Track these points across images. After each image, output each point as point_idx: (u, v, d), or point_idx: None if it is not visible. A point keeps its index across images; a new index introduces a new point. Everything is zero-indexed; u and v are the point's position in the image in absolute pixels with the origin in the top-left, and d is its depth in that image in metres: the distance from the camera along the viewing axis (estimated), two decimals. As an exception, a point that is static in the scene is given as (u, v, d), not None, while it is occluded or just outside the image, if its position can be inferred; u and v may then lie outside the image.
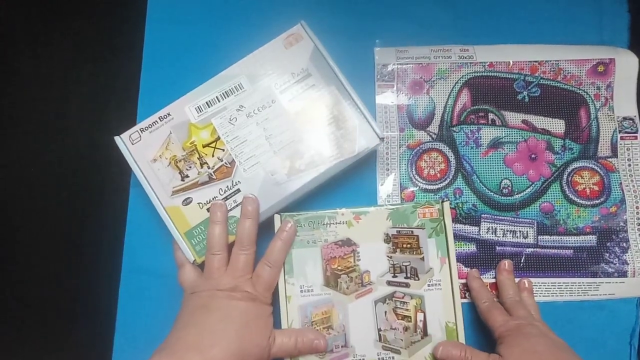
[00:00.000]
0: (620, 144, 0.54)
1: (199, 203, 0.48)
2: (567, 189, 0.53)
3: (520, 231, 0.52)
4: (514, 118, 0.55)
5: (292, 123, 0.49)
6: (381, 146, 0.54)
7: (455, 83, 0.55)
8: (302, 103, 0.49)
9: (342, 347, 0.47)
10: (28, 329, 0.54)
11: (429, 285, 0.47)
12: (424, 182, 0.54)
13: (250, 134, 0.49)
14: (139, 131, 0.49)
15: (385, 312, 0.47)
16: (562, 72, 0.55)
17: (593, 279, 0.51)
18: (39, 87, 0.58)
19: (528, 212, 0.53)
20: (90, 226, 0.55)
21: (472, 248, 0.52)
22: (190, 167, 0.48)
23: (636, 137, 0.54)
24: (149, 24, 0.57)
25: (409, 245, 0.48)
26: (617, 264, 0.51)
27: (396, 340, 0.47)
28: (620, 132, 0.54)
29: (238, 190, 0.48)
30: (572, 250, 0.52)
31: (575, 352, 0.43)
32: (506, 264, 0.51)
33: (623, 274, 0.51)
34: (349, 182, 0.53)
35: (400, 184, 0.54)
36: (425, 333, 0.47)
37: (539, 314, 0.48)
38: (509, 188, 0.53)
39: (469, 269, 0.51)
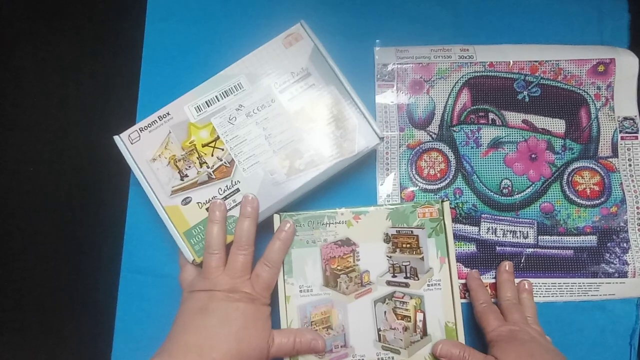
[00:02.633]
0: (621, 144, 0.54)
1: (198, 202, 0.48)
2: (567, 189, 0.53)
3: (520, 231, 0.52)
4: (514, 118, 0.55)
5: (292, 122, 0.49)
6: (381, 146, 0.54)
7: (456, 83, 0.55)
8: (302, 103, 0.49)
9: (341, 347, 0.47)
10: (27, 328, 0.54)
11: (428, 285, 0.47)
12: (423, 181, 0.54)
13: (249, 134, 0.49)
14: (138, 130, 0.49)
15: (385, 312, 0.47)
16: (562, 72, 0.55)
17: (593, 279, 0.51)
18: (39, 87, 0.58)
19: (528, 212, 0.53)
20: (90, 226, 0.55)
21: (472, 248, 0.52)
22: (189, 166, 0.48)
23: (637, 137, 0.54)
24: (149, 23, 0.57)
25: (408, 245, 0.48)
26: (618, 264, 0.51)
27: (396, 340, 0.47)
28: (620, 132, 0.54)
29: (237, 190, 0.48)
30: (572, 251, 0.52)
31: (567, 358, 0.43)
32: (507, 265, 0.51)
33: (623, 275, 0.51)
34: (348, 181, 0.53)
35: (400, 183, 0.53)
36: (424, 333, 0.47)
37: (536, 317, 0.48)
38: (509, 188, 0.53)
39: (468, 269, 0.51)
